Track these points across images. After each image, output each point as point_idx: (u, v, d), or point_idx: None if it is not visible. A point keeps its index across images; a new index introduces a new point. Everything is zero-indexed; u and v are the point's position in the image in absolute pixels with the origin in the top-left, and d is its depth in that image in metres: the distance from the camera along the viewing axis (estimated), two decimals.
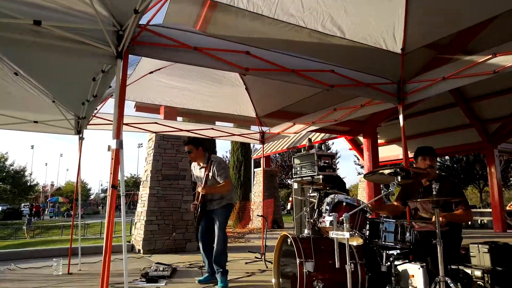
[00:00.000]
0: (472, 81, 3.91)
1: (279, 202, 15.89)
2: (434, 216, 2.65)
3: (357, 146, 14.55)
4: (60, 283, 4.37)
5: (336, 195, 2.90)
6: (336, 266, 2.54)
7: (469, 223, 15.90)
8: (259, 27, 3.89)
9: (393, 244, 2.75)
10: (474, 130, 12.46)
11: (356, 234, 2.72)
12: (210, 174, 4.31)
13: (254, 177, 16.20)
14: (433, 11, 3.90)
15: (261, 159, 9.10)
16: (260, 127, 6.94)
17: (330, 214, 2.74)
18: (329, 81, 4.01)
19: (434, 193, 2.62)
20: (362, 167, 20.84)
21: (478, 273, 3.59)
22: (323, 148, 5.21)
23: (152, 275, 4.57)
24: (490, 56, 3.67)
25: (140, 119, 6.26)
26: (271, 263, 4.04)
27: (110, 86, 3.92)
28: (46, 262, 5.64)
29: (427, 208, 3.13)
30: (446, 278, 2.48)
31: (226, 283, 4.10)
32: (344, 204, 2.83)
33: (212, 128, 6.68)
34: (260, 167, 14.57)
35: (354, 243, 2.91)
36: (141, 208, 7.46)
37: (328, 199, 2.91)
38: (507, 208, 16.45)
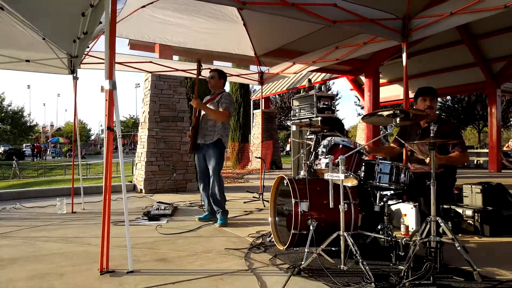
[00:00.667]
0: (481, 16, 3.70)
1: (278, 143, 16.06)
2: (429, 158, 2.65)
3: (358, 87, 14.33)
4: (65, 221, 4.53)
5: (332, 138, 2.88)
6: (330, 206, 2.61)
7: (465, 163, 16.17)
8: None
9: (387, 185, 2.79)
10: (478, 69, 12.19)
11: (351, 175, 2.75)
12: (217, 98, 4.34)
13: (253, 119, 16.19)
14: None
15: (260, 100, 8.97)
16: (259, 66, 6.75)
17: (326, 156, 2.75)
18: (331, 16, 3.80)
19: (431, 135, 2.60)
20: (362, 108, 20.73)
21: (469, 212, 3.70)
22: (322, 89, 5.11)
23: (154, 213, 4.73)
24: None
25: (135, 57, 6.07)
26: (269, 202, 4.15)
27: (101, 22, 3.73)
28: (50, 201, 5.82)
29: (423, 150, 3.13)
30: (437, 218, 2.54)
31: (225, 221, 4.24)
32: (340, 146, 2.82)
33: (209, 69, 6.47)
34: (259, 108, 14.50)
35: (349, 184, 2.95)
36: (141, 149, 7.53)
37: (324, 142, 2.90)
38: (504, 148, 16.66)
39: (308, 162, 3.24)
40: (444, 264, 2.64)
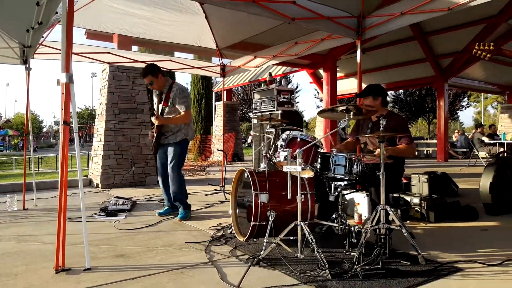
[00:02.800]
0: (428, 17, 3.96)
1: (240, 135, 16.12)
2: (378, 150, 2.83)
3: (317, 80, 14.66)
4: (16, 219, 4.35)
5: (291, 132, 2.99)
6: (288, 197, 2.72)
7: (416, 153, 17.12)
8: None
9: (342, 176, 2.94)
10: (428, 65, 12.88)
11: (308, 167, 2.87)
12: (170, 101, 4.14)
13: (215, 111, 16.12)
14: None
15: (222, 92, 8.97)
16: (220, 59, 6.75)
17: (285, 149, 2.85)
18: (291, 14, 3.90)
19: (381, 128, 2.77)
20: (321, 100, 21.23)
21: (416, 200, 3.98)
22: (283, 83, 5.22)
23: (112, 209, 4.64)
24: None
25: (92, 48, 5.86)
26: (230, 194, 4.20)
27: (57, 12, 3.58)
28: None
29: (374, 142, 3.33)
30: (386, 206, 2.73)
31: (187, 215, 4.24)
32: (298, 139, 2.94)
33: (170, 60, 6.41)
34: (221, 100, 14.46)
35: (306, 176, 3.08)
36: (98, 142, 7.31)
37: (283, 135, 3.00)
38: (454, 138, 17.79)
39: (268, 155, 3.34)
40: (392, 249, 2.84)
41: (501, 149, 10.31)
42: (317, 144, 2.94)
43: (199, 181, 8.03)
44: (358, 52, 4.46)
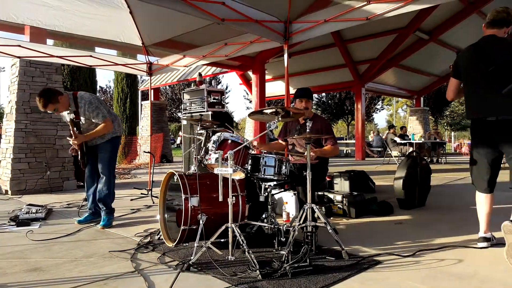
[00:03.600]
0: (349, 25, 4.24)
1: (169, 136, 15.69)
2: (306, 151, 2.95)
3: (246, 81, 14.87)
4: None
5: (222, 133, 2.98)
6: (219, 200, 2.71)
7: (336, 154, 18.25)
8: None
9: (271, 176, 3.01)
10: (348, 70, 13.81)
11: (239, 169, 2.89)
12: (82, 116, 3.83)
13: (141, 110, 15.49)
14: None
15: (149, 91, 8.64)
16: (147, 56, 6.48)
17: (216, 151, 2.83)
18: (220, 14, 3.89)
19: (308, 130, 2.89)
20: (251, 101, 21.55)
21: (338, 197, 4.22)
22: (213, 84, 5.18)
23: (23, 217, 4.20)
24: (365, 3, 3.99)
25: None
26: (158, 198, 4.04)
27: None
28: None
29: (301, 143, 3.47)
30: (312, 205, 2.85)
31: (110, 222, 4.00)
32: (229, 141, 2.93)
33: (91, 56, 5.99)
34: (148, 99, 13.92)
35: (237, 177, 3.10)
36: (6, 144, 6.58)
37: (214, 137, 2.98)
38: (370, 138, 19.24)
39: (198, 157, 3.28)
40: (318, 246, 2.98)
41: (411, 149, 11.41)
42: (248, 145, 2.97)
43: (124, 185, 7.64)
44: (286, 56, 4.61)
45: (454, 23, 11.44)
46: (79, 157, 3.95)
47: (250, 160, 2.99)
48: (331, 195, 4.29)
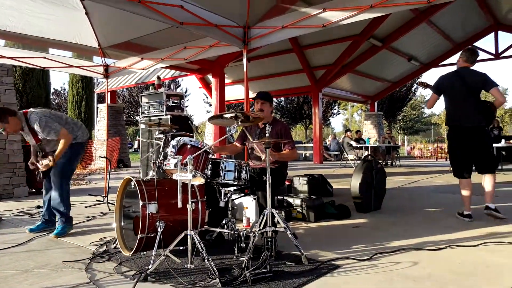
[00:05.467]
0: (306, 32, 4.34)
1: (126, 140, 15.21)
2: (265, 155, 2.97)
3: (206, 85, 14.78)
4: None
5: (181, 138, 2.93)
6: (179, 206, 2.65)
7: (295, 158, 18.59)
8: None
9: (231, 181, 3.01)
10: (305, 75, 14.14)
11: (199, 174, 2.85)
12: (39, 136, 3.70)
13: (97, 114, 14.91)
14: None
15: (106, 94, 8.32)
16: (103, 58, 6.24)
17: (175, 156, 2.78)
18: (179, 18, 3.85)
19: (267, 135, 2.92)
20: (210, 105, 21.42)
21: (298, 201, 4.29)
22: (172, 88, 5.09)
23: None
24: (321, 10, 4.11)
25: None
26: (114, 205, 3.90)
27: None
28: None
29: (261, 148, 3.49)
30: (272, 210, 2.87)
31: (64, 230, 3.80)
32: (189, 146, 2.89)
33: (45, 57, 5.68)
34: (104, 102, 13.42)
35: (197, 183, 3.06)
36: None
37: (173, 142, 2.92)
38: (327, 142, 19.74)
39: (157, 162, 3.20)
40: (278, 251, 3.00)
41: (366, 152, 11.85)
42: (208, 150, 2.94)
43: (78, 191, 7.30)
44: (245, 60, 4.63)
45: (405, 31, 12.09)
46: (38, 175, 3.78)
47: (210, 165, 2.97)
48: (290, 199, 4.35)
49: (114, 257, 3.04)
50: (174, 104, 4.89)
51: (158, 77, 5.30)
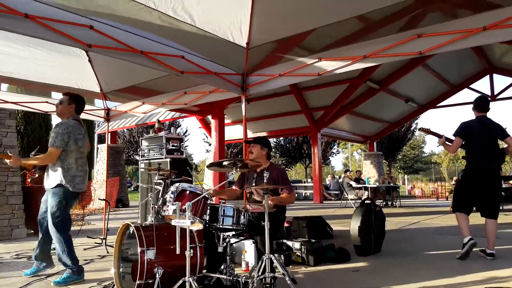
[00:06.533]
0: (302, 80, 4.56)
1: (125, 179, 15.24)
2: (263, 200, 3.03)
3: (206, 125, 15.03)
4: None
5: (180, 184, 3.00)
6: (177, 253, 2.67)
7: (293, 202, 18.50)
8: (103, 1, 3.57)
9: (230, 226, 3.04)
10: (304, 116, 14.42)
11: (197, 220, 2.90)
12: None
13: (97, 154, 15.04)
14: (276, 13, 4.28)
15: (106, 134, 8.47)
16: (105, 102, 6.43)
17: (174, 203, 2.83)
18: (180, 67, 4.04)
19: (265, 181, 2.99)
20: (210, 144, 21.65)
21: (297, 245, 4.27)
22: (172, 131, 5.22)
23: None
24: (316, 60, 4.33)
25: None
26: (113, 247, 3.86)
27: None
28: None
29: (259, 192, 3.56)
30: (271, 255, 2.89)
31: (67, 280, 3.59)
32: (187, 192, 2.96)
33: (47, 102, 5.87)
34: (104, 142, 13.61)
35: (195, 228, 3.09)
36: None
37: (172, 188, 2.99)
38: (327, 181, 19.71)
39: (156, 207, 3.25)
40: None
41: (366, 192, 11.84)
42: (207, 196, 3.00)
43: (76, 233, 7.21)
44: (243, 106, 4.80)
45: (401, 74, 12.49)
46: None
47: (208, 210, 3.01)
48: (289, 243, 4.34)
49: None
50: (174, 147, 5.00)
51: (159, 121, 5.46)
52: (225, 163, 2.92)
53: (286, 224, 5.26)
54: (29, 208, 6.70)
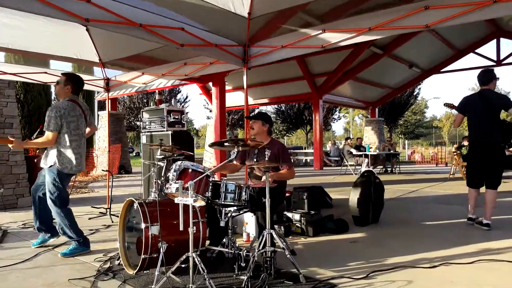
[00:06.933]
0: (305, 52, 4.46)
1: (127, 146, 15.33)
2: (264, 177, 3.07)
3: (207, 92, 14.90)
4: None
5: (182, 162, 3.03)
6: (180, 229, 2.75)
7: (296, 162, 18.67)
8: None
9: (232, 202, 3.10)
10: (306, 82, 14.26)
11: (199, 198, 2.95)
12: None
13: (98, 121, 15.04)
14: None
15: (107, 101, 8.41)
16: (104, 71, 6.34)
17: (176, 181, 2.88)
18: (180, 40, 3.95)
19: (266, 159, 3.02)
20: (211, 111, 21.60)
21: (297, 216, 4.38)
22: (173, 103, 5.19)
23: None
24: (320, 32, 4.22)
25: None
26: (117, 216, 3.93)
27: None
28: None
29: (260, 168, 3.60)
30: (271, 231, 2.97)
31: (73, 251, 3.73)
32: (190, 170, 2.99)
33: (46, 72, 5.80)
34: (105, 109, 13.56)
35: (198, 205, 3.15)
36: None
37: (174, 166, 3.02)
38: (328, 147, 19.80)
39: (159, 181, 3.28)
40: (277, 269, 3.08)
41: (366, 160, 11.94)
42: (209, 174, 3.03)
43: (81, 201, 7.42)
44: (245, 78, 4.73)
45: (406, 39, 12.20)
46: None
47: (210, 187, 3.06)
48: (290, 214, 4.44)
49: (118, 274, 3.13)
50: (175, 120, 4.99)
51: (159, 93, 5.41)
52: (226, 143, 2.93)
53: (287, 194, 5.34)
54: (34, 177, 6.79)
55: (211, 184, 3.07)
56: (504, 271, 3.16)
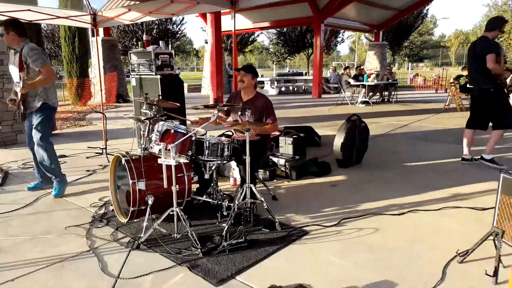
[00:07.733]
0: None
1: (124, 74, 15.11)
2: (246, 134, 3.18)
3: (203, 14, 14.26)
4: None
5: (165, 123, 3.12)
6: (164, 187, 2.95)
7: (295, 89, 18.54)
8: None
9: (214, 159, 3.26)
10: (308, 5, 13.55)
11: (183, 157, 3.11)
12: (24, 65, 3.79)
13: (92, 47, 14.63)
14: None
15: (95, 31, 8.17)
16: (90, 7, 6.10)
17: (159, 143, 3.00)
18: None
19: (247, 119, 3.11)
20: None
21: (282, 161, 4.59)
22: (161, 45, 5.05)
23: None
24: None
25: None
26: (112, 155, 4.13)
27: None
28: None
29: (244, 119, 3.70)
30: (251, 185, 3.19)
31: (62, 190, 4.10)
32: (172, 131, 3.10)
33: (30, 10, 5.58)
34: (98, 35, 13.11)
35: (182, 160, 3.32)
36: None
37: (157, 127, 3.12)
38: (329, 73, 19.48)
39: (145, 134, 3.39)
40: (257, 215, 3.36)
41: (363, 90, 11.88)
42: (192, 135, 3.11)
43: (79, 136, 7.65)
44: (233, 21, 4.57)
45: None
46: (18, 110, 3.96)
47: (194, 145, 3.18)
48: (275, 159, 4.65)
49: (112, 221, 3.41)
50: (164, 63, 4.91)
51: (147, 33, 5.25)
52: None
53: (277, 133, 5.46)
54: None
55: (195, 142, 3.19)
56: (464, 217, 3.41)
